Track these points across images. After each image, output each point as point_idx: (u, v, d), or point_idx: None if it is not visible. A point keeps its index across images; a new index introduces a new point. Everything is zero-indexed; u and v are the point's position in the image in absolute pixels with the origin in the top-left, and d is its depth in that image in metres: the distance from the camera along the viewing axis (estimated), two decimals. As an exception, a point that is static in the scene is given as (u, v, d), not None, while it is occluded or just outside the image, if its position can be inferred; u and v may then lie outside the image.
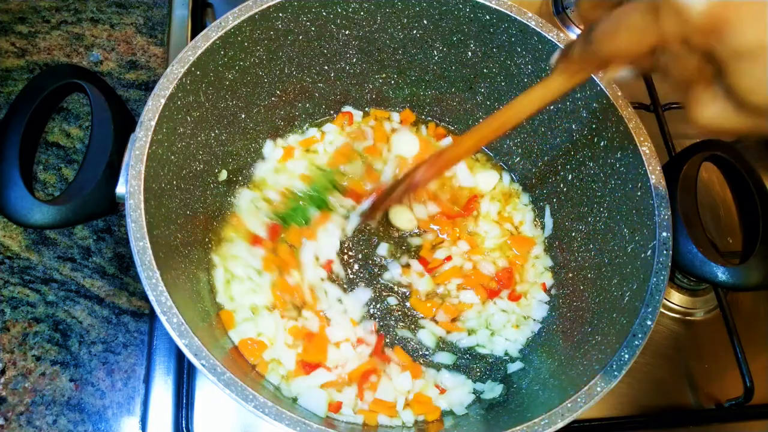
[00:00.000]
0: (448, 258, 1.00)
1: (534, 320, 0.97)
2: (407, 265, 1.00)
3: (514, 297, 0.99)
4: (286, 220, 0.97)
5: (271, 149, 1.04)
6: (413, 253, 1.01)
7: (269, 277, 0.94)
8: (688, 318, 1.05)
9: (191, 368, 0.90)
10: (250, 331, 0.89)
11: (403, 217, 1.02)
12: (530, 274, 1.01)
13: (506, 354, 0.95)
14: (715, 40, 0.42)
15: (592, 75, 0.59)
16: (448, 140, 1.10)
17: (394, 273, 0.99)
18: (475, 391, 0.91)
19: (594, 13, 0.52)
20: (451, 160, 0.79)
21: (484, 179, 1.07)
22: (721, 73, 0.44)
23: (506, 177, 1.08)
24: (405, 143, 1.08)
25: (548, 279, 1.00)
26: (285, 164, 1.04)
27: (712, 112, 0.48)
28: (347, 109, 1.09)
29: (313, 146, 1.06)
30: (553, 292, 0.99)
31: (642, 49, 0.48)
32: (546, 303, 0.98)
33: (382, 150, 1.06)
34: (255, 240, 0.96)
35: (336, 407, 0.85)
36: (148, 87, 1.18)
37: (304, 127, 1.08)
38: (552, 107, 0.94)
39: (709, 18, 0.41)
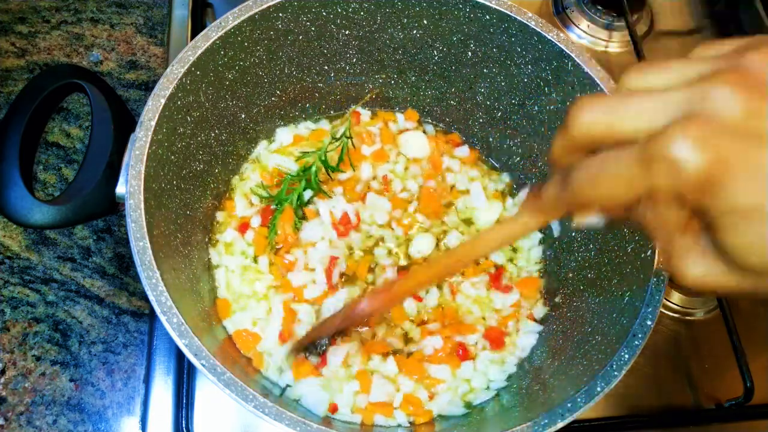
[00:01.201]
0: (419, 299, 0.95)
1: (522, 348, 0.94)
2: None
3: (499, 345, 0.94)
4: (280, 200, 0.97)
5: (284, 134, 1.05)
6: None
7: (266, 261, 0.95)
8: (688, 318, 1.05)
9: (191, 368, 0.90)
10: (246, 320, 0.90)
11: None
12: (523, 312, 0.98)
13: (488, 386, 0.92)
14: (708, 196, 0.40)
15: (560, 217, 0.55)
16: (464, 149, 1.09)
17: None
18: (466, 403, 0.91)
19: (568, 158, 0.48)
20: (401, 294, 0.73)
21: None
22: (711, 229, 0.42)
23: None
24: (414, 144, 1.07)
25: (539, 308, 0.98)
26: (289, 149, 1.05)
27: (700, 270, 0.45)
28: (355, 108, 1.09)
29: (323, 140, 1.06)
30: (558, 300, 0.98)
31: (625, 199, 0.44)
32: (536, 332, 0.95)
33: (390, 154, 1.06)
34: (243, 227, 0.97)
35: (332, 408, 0.86)
36: (148, 87, 1.18)
37: (315, 118, 1.09)
38: (552, 107, 0.94)
39: (704, 175, 0.39)
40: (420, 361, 0.91)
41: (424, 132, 1.10)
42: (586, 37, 1.29)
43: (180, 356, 0.92)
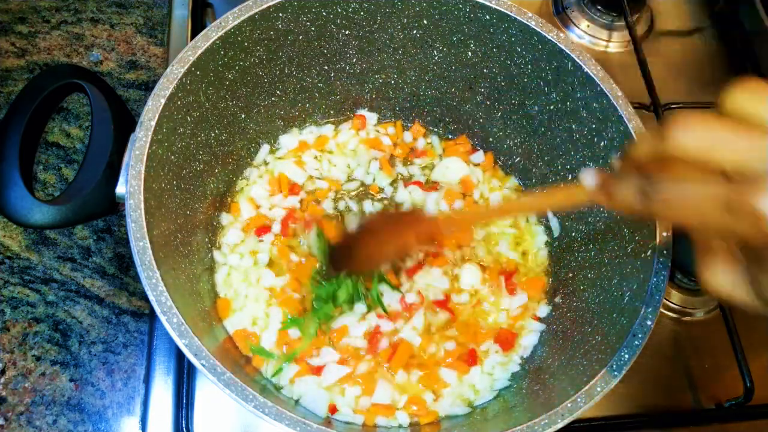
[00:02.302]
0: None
1: (524, 348, 0.95)
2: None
3: (507, 347, 0.94)
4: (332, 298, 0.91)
5: (289, 139, 1.06)
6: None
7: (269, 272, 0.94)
8: (688, 318, 1.05)
9: (191, 368, 0.90)
10: (245, 320, 0.90)
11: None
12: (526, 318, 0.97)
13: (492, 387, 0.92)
14: None
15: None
16: (479, 155, 1.08)
17: None
18: (468, 403, 0.91)
19: (652, 162, 0.49)
20: (466, 223, 0.81)
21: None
22: (758, 264, 0.47)
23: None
24: (454, 169, 1.06)
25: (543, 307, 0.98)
26: (297, 153, 1.05)
27: (725, 281, 0.51)
28: (361, 112, 1.09)
29: (326, 145, 1.07)
30: (558, 300, 0.98)
31: (702, 230, 0.48)
32: (539, 331, 0.96)
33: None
34: (263, 229, 0.96)
35: (332, 408, 0.86)
36: (148, 87, 1.18)
37: (321, 122, 1.09)
38: (552, 107, 0.94)
39: None
40: (429, 366, 0.90)
41: (430, 143, 1.10)
42: (586, 37, 1.29)
43: (180, 356, 0.92)
